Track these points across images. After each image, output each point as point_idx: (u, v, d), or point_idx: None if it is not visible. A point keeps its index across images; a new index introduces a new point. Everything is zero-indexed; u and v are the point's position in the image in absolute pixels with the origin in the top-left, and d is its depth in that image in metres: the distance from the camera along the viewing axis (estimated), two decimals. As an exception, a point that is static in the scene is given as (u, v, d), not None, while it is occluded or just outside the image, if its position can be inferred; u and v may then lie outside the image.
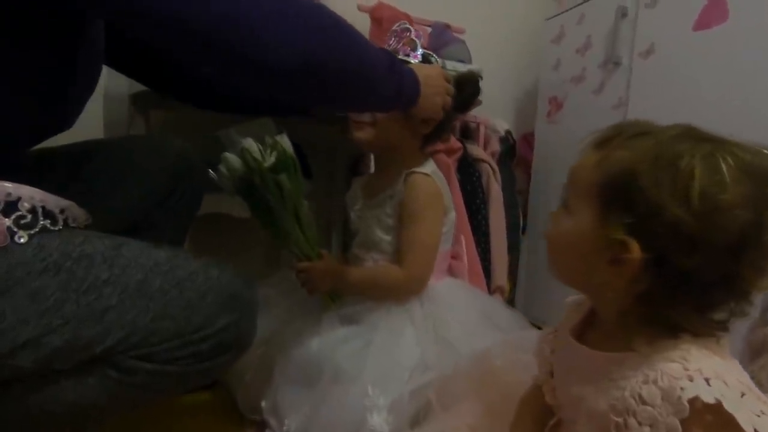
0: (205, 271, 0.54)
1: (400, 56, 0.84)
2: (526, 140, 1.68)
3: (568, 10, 1.46)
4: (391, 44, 0.85)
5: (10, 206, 0.45)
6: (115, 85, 1.02)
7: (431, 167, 0.88)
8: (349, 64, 0.58)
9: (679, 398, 0.38)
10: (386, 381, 0.74)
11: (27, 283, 0.45)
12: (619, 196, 0.42)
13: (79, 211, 0.51)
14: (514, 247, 1.44)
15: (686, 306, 0.40)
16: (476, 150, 1.40)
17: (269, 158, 0.79)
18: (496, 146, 1.46)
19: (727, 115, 0.98)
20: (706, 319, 0.41)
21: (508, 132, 1.49)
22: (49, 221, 0.47)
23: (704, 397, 0.37)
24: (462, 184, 1.33)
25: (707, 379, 0.38)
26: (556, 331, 0.59)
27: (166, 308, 0.50)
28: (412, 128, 0.87)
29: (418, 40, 0.82)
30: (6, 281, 0.44)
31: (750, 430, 0.36)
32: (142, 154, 0.72)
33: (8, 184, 0.45)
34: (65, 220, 0.49)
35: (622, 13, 1.25)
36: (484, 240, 1.34)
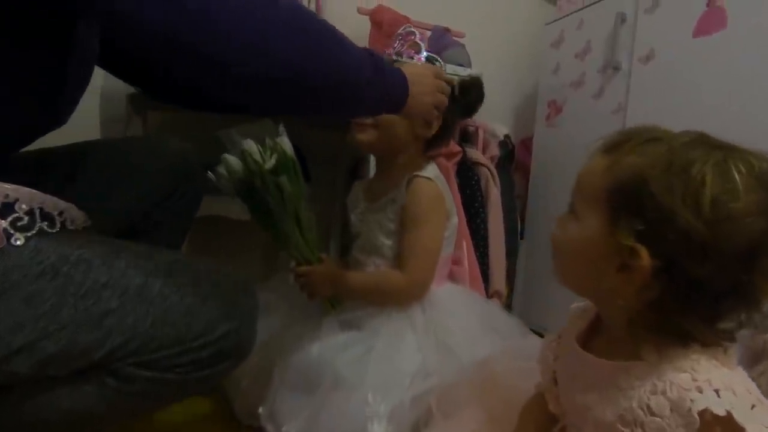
0: (207, 277, 0.53)
1: (404, 59, 0.83)
2: (525, 145, 1.69)
3: (567, 15, 1.47)
4: (396, 47, 0.85)
5: (7, 208, 0.44)
6: (112, 85, 1.01)
7: (434, 171, 0.88)
8: (332, 69, 0.55)
9: (689, 410, 0.37)
10: (387, 388, 0.74)
11: (23, 286, 0.44)
12: (629, 202, 0.41)
13: (78, 213, 0.50)
14: (512, 252, 1.44)
15: (696, 315, 0.40)
16: (475, 154, 1.40)
17: (270, 160, 0.79)
18: (495, 150, 1.46)
19: (726, 121, 0.99)
20: (716, 329, 0.41)
21: (507, 136, 1.49)
22: (46, 223, 0.46)
23: (714, 408, 0.36)
24: (461, 188, 1.33)
25: (717, 391, 0.37)
26: (560, 338, 0.59)
27: (166, 314, 0.49)
28: (415, 131, 0.86)
29: (422, 43, 0.82)
30: (1, 285, 0.43)
31: (761, 442, 0.35)
32: (141, 155, 0.71)
33: (7, 186, 0.44)
34: (63, 223, 0.48)
35: (622, 19, 1.25)
36: (483, 244, 1.34)
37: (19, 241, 0.44)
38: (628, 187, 0.41)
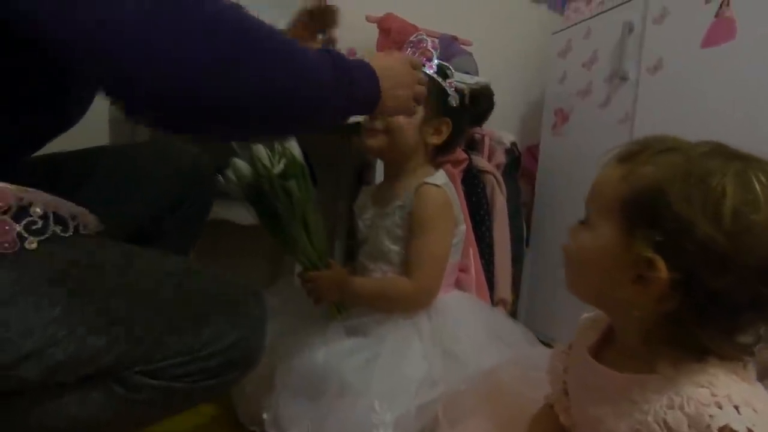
0: (216, 285, 0.52)
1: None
2: (531, 152, 1.68)
3: (575, 25, 1.47)
4: (407, 54, 0.84)
5: (22, 211, 0.44)
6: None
7: (443, 179, 0.87)
8: (287, 77, 0.46)
9: (708, 426, 0.37)
10: (393, 395, 0.73)
11: (34, 291, 0.43)
12: (646, 212, 0.41)
13: (91, 218, 0.50)
14: (517, 260, 1.43)
15: (714, 327, 0.39)
16: (481, 161, 1.39)
17: (278, 164, 0.79)
18: (501, 158, 1.45)
19: (734, 132, 0.98)
20: (734, 342, 0.40)
21: (514, 144, 1.49)
22: (60, 228, 0.46)
23: (735, 425, 0.36)
24: (467, 196, 1.33)
25: (737, 407, 0.37)
26: (570, 348, 0.58)
27: (175, 322, 0.48)
28: (425, 137, 0.86)
29: (434, 51, 0.81)
30: (12, 289, 0.43)
31: (782, 460, 0.35)
32: (153, 161, 0.71)
33: (22, 189, 0.44)
34: (76, 227, 0.48)
35: (629, 29, 1.25)
36: (488, 252, 1.33)
37: (33, 245, 0.44)
38: (644, 198, 0.41)
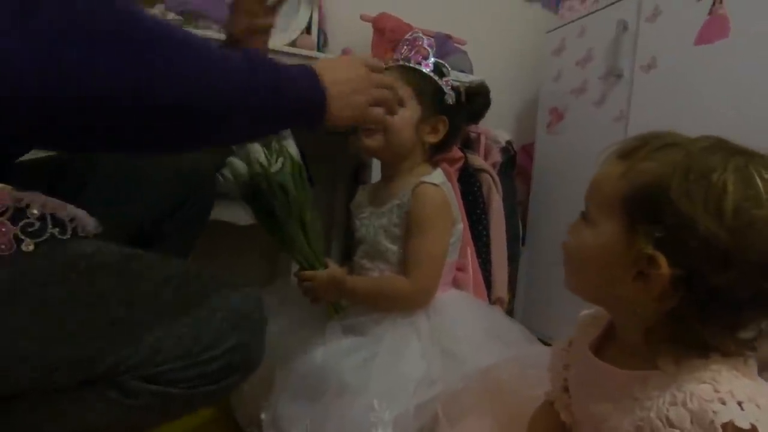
0: (215, 288, 0.52)
1: (412, 65, 0.83)
2: (526, 151, 1.69)
3: (569, 23, 1.47)
4: (403, 52, 0.84)
5: (20, 213, 0.43)
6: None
7: (440, 177, 0.87)
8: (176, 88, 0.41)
9: (712, 422, 0.37)
10: (392, 395, 0.73)
11: (30, 293, 0.43)
12: (647, 209, 0.41)
13: (90, 220, 0.49)
14: (513, 259, 1.43)
15: (716, 323, 0.39)
16: (477, 160, 1.39)
17: (275, 163, 0.78)
18: (497, 156, 1.46)
19: (728, 129, 0.97)
20: (736, 338, 0.40)
21: (509, 142, 1.49)
22: (57, 230, 0.45)
23: (738, 421, 0.36)
24: (463, 194, 1.33)
25: (740, 403, 0.37)
26: (570, 345, 0.58)
27: (173, 326, 0.48)
28: (422, 136, 0.86)
29: (431, 49, 0.81)
30: (9, 291, 0.42)
31: (786, 456, 0.35)
32: (153, 163, 0.70)
33: (20, 191, 0.43)
34: (74, 229, 0.47)
35: (623, 27, 1.26)
36: (485, 251, 1.34)
37: (30, 247, 0.43)
38: (645, 194, 0.41)
